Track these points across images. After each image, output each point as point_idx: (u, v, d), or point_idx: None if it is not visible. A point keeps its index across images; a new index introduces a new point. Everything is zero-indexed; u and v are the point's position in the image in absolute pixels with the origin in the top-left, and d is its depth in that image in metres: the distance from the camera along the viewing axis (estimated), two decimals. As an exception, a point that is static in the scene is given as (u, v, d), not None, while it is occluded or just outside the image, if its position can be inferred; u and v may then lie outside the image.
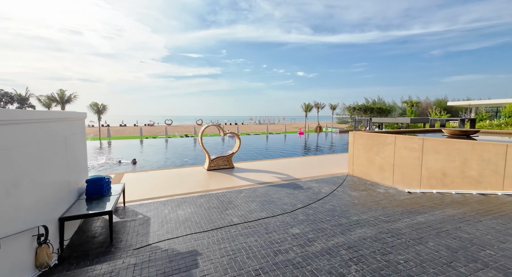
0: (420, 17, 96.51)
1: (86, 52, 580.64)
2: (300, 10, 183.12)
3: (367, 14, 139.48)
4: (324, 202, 5.32)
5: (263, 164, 9.64)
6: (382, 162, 6.55)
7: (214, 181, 7.18)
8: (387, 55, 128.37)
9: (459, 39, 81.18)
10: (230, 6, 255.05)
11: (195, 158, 13.33)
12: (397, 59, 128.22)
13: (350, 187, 6.41)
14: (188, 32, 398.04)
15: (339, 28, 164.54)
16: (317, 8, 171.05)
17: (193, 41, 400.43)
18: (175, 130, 35.97)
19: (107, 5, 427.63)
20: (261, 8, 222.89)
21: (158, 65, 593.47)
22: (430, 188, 5.35)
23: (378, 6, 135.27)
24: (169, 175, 7.83)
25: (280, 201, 5.43)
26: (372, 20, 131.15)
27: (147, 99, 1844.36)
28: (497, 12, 76.95)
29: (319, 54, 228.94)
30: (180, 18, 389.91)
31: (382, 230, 2.92)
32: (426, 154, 5.43)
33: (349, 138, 7.80)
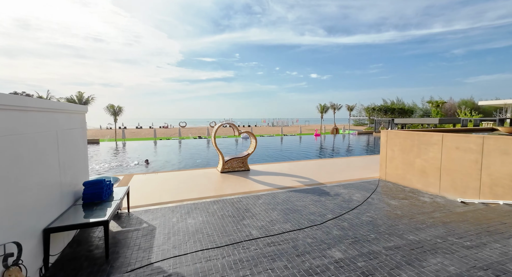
0: (442, 15, 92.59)
1: (107, 58, 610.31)
2: (314, 12, 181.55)
3: (384, 13, 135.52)
4: (359, 212, 4.45)
5: (281, 166, 8.85)
6: (425, 165, 5.56)
7: (228, 185, 6.48)
8: (405, 55, 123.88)
9: (485, 37, 76.44)
10: (243, 10, 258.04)
11: (208, 159, 12.77)
12: (416, 59, 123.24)
13: (387, 194, 5.48)
14: (203, 37, 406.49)
15: (354, 29, 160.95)
16: (331, 9, 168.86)
17: (207, 46, 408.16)
18: (188, 132, 35.97)
19: (126, 13, 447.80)
20: (274, 11, 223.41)
21: (173, 69, 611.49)
22: (494, 198, 4.33)
23: (396, 5, 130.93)
24: (180, 178, 7.23)
25: (306, 209, 4.63)
26: (389, 19, 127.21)
27: (162, 102, 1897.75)
28: None
29: (333, 55, 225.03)
30: (195, 23, 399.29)
31: (470, 262, 2.05)
32: (487, 156, 4.42)
33: (381, 138, 6.85)
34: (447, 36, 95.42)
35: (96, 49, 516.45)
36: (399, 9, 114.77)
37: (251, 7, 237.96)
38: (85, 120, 4.22)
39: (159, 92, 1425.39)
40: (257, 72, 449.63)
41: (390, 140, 6.52)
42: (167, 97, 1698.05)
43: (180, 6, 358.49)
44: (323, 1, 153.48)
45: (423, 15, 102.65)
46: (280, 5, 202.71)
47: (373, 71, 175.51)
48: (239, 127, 38.63)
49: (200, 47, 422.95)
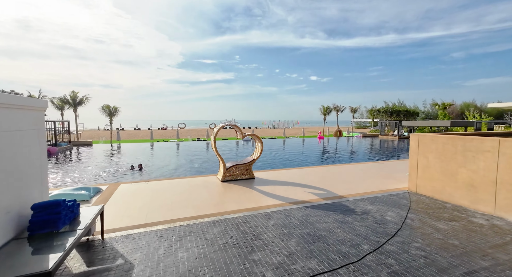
0: (441, 19, 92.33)
1: (108, 59, 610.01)
2: (314, 14, 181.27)
3: (384, 17, 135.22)
4: (403, 241, 3.41)
5: (290, 173, 7.81)
6: (473, 177, 4.53)
7: (231, 198, 5.43)
8: (404, 58, 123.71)
9: (485, 40, 76.34)
10: (244, 13, 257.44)
11: (207, 164, 11.73)
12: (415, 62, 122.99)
13: (427, 213, 4.44)
14: (204, 39, 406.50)
15: (354, 32, 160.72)
16: (332, 12, 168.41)
17: (208, 48, 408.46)
18: (187, 133, 34.96)
19: (128, 15, 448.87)
20: (275, 14, 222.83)
21: (174, 71, 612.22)
22: None
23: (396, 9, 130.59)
24: (174, 188, 6.18)
25: (332, 236, 3.59)
26: (389, 23, 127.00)
27: (163, 103, 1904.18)
28: None
29: (333, 58, 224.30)
30: (197, 25, 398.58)
31: None
32: None
33: (411, 143, 5.82)
34: (446, 40, 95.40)
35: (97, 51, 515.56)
36: (399, 13, 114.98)
37: (252, 9, 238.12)
38: (42, 119, 3.18)
39: (159, 93, 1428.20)
40: (257, 74, 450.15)
41: (423, 146, 5.49)
42: (167, 98, 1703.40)
43: (182, 8, 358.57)
44: (323, 4, 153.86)
45: (422, 19, 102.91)
46: (281, 8, 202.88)
47: (374, 74, 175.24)
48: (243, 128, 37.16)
49: (201, 49, 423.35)
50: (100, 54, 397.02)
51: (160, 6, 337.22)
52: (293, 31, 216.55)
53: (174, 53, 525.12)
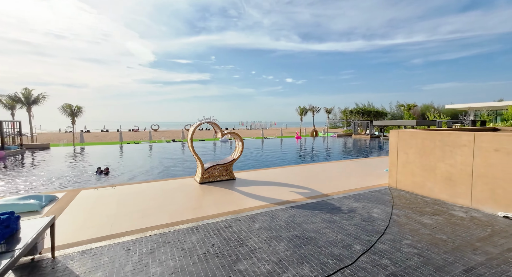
0: (403, 28, 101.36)
1: (71, 57, 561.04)
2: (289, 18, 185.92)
3: (353, 23, 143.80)
4: (394, 238, 3.29)
5: (272, 173, 7.56)
6: (452, 171, 4.64)
7: (211, 201, 5.00)
8: (373, 63, 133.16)
9: (439, 49, 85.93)
10: (220, 13, 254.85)
11: (184, 166, 11.06)
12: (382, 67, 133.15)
13: (410, 209, 4.43)
14: (178, 38, 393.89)
15: (327, 37, 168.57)
16: (305, 17, 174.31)
17: (182, 47, 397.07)
18: (161, 135, 33.32)
19: (93, 10, 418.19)
20: (250, 16, 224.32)
21: (146, 70, 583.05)
22: (554, 213, 3.46)
23: (363, 17, 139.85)
24: (146, 192, 5.57)
25: (322, 237, 3.36)
26: (358, 29, 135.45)
27: (134, 104, 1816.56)
28: (471, 25, 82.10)
29: (308, 61, 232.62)
30: (170, 24, 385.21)
31: None
32: (543, 159, 3.55)
33: (390, 139, 5.89)
34: (407, 47, 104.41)
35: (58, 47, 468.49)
36: (366, 20, 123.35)
37: (227, 10, 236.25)
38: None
39: (130, 93, 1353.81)
40: (234, 75, 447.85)
41: (402, 142, 5.57)
42: (139, 99, 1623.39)
43: (154, 6, 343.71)
44: (297, 9, 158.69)
45: (386, 27, 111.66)
46: (256, 10, 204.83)
47: (345, 77, 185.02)
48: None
49: (175, 48, 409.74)
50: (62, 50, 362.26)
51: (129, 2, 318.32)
52: (269, 34, 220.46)
53: (146, 52, 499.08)
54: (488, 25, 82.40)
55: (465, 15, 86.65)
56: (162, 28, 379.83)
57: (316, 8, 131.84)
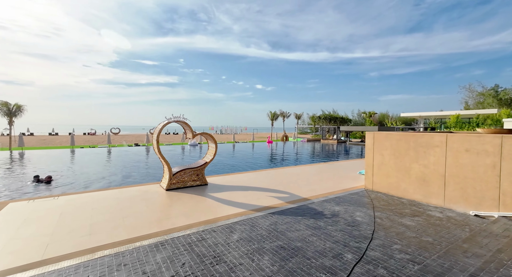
0: (361, 43, 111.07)
1: (12, 50, 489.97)
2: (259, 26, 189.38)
3: (318, 36, 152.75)
4: (383, 244, 3.10)
5: (246, 177, 7.11)
6: (425, 172, 4.74)
7: (180, 211, 4.36)
8: (336, 73, 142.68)
9: (391, 64, 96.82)
10: (188, 16, 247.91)
11: (147, 172, 10.01)
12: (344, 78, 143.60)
13: (390, 211, 4.37)
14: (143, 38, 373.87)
15: (295, 46, 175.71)
16: (274, 26, 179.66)
17: (148, 48, 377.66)
18: (123, 139, 30.65)
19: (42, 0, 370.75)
20: (220, 21, 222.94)
21: (106, 70, 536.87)
22: (521, 210, 3.62)
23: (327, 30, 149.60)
24: (98, 204, 4.69)
25: (309, 246, 3.02)
26: (323, 41, 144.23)
27: (92, 106, 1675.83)
28: (416, 45, 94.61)
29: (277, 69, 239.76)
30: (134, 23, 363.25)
31: None
32: (509, 159, 3.72)
33: (366, 141, 5.91)
34: (365, 61, 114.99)
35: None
36: (330, 34, 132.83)
37: (197, 14, 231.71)
38: None
39: (87, 94, 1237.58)
40: (203, 80, 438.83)
41: (378, 143, 5.61)
42: (98, 100, 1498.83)
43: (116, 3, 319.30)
44: (267, 18, 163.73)
45: (347, 42, 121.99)
46: (227, 16, 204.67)
47: (311, 86, 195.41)
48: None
49: (140, 48, 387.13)
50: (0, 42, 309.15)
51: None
52: (239, 40, 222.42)
53: (106, 50, 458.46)
54: (429, 46, 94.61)
55: (411, 36, 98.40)
56: (125, 26, 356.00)
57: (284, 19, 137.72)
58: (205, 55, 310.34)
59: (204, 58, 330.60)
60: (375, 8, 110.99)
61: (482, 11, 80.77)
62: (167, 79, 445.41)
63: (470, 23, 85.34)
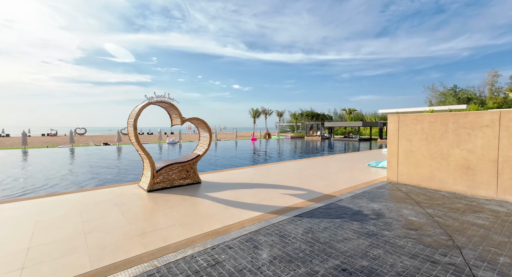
0: (334, 46, 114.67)
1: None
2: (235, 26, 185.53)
3: (294, 38, 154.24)
4: (480, 255, 2.20)
5: (245, 173, 5.96)
6: (470, 158, 3.99)
7: (171, 219, 3.10)
8: (311, 74, 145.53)
9: (361, 67, 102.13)
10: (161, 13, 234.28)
11: (120, 171, 8.38)
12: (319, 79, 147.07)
13: (441, 206, 3.54)
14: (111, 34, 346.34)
15: (271, 47, 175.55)
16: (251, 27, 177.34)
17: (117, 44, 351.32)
18: (90, 139, 27.56)
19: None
20: (195, 19, 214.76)
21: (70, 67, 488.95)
22: None
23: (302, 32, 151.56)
24: (47, 214, 3.27)
25: (381, 265, 2.02)
26: (298, 43, 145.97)
27: (53, 106, 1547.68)
28: (383, 49, 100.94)
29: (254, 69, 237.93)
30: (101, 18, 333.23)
31: None
32: None
33: (389, 126, 5.10)
34: (338, 63, 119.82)
35: None
36: (305, 36, 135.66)
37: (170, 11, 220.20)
38: None
39: (48, 93, 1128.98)
40: (178, 79, 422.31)
41: (405, 127, 4.81)
42: (60, 100, 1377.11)
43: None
44: (243, 18, 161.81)
45: (321, 44, 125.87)
46: (202, 15, 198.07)
47: (288, 86, 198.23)
48: (165, 135, 32.58)
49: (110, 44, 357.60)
50: None
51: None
52: (215, 39, 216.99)
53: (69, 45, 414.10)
54: (394, 50, 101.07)
55: (378, 40, 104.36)
56: (91, 21, 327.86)
57: (260, 19, 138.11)
58: (180, 54, 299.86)
59: (179, 56, 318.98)
60: (346, 12, 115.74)
61: (438, 20, 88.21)
62: (139, 78, 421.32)
63: (428, 30, 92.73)
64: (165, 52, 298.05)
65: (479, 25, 76.57)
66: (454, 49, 79.57)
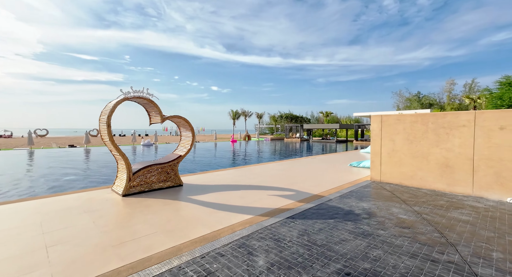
0: (311, 51, 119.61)
1: None
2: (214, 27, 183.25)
3: (272, 41, 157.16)
4: (475, 251, 2.22)
5: (229, 174, 5.71)
6: (448, 156, 4.17)
7: (152, 226, 2.78)
8: (289, 78, 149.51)
9: (336, 72, 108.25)
10: (135, 10, 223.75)
11: (89, 175, 7.64)
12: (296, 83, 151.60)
13: (426, 203, 3.63)
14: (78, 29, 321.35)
15: (250, 50, 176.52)
16: (229, 29, 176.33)
17: (85, 40, 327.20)
18: (53, 141, 25.20)
19: None
20: (172, 18, 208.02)
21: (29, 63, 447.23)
22: None
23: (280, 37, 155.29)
24: (7, 222, 2.77)
25: (383, 266, 1.94)
26: (276, 47, 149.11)
27: (9, 105, 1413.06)
28: (355, 56, 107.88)
29: (232, 71, 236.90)
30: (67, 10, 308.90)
31: None
32: (555, 134, 3.31)
33: (372, 126, 5.21)
34: (314, 68, 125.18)
35: None
36: (283, 41, 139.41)
37: (144, 8, 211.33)
38: None
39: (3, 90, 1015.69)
40: (154, 79, 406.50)
41: (388, 127, 4.93)
42: (16, 98, 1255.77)
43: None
44: (222, 20, 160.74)
45: (298, 49, 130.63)
46: (179, 14, 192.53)
47: (266, 89, 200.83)
48: (139, 136, 30.94)
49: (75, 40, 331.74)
50: None
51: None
52: (193, 40, 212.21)
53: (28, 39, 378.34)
54: (365, 58, 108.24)
55: (351, 48, 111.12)
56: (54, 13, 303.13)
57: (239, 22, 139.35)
58: (156, 53, 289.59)
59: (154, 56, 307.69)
60: (322, 20, 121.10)
61: (403, 31, 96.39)
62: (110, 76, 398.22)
63: (395, 40, 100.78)
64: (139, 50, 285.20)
65: (437, 38, 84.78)
66: (417, 58, 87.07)
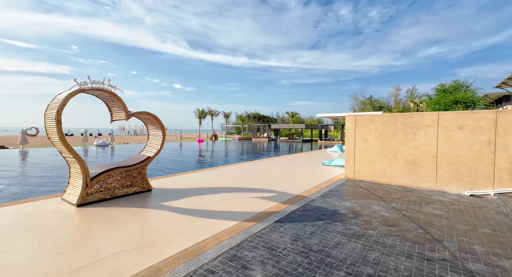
0: (275, 53, 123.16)
1: None
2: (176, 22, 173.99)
3: (237, 41, 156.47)
4: (459, 246, 2.31)
5: (202, 176, 5.30)
6: (415, 154, 4.47)
7: (118, 243, 2.32)
8: (254, 79, 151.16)
9: (299, 75, 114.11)
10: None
11: (27, 182, 6.41)
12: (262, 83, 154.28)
13: (401, 200, 3.80)
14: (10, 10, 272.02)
15: (215, 48, 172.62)
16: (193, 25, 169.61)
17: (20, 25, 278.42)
18: (-22, 140, 21.05)
19: None
20: (128, 9, 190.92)
21: None
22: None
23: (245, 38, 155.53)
24: None
25: (385, 269, 1.88)
26: (241, 47, 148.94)
27: None
28: (316, 60, 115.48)
29: (197, 69, 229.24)
30: None
31: None
32: (504, 134, 3.75)
33: (347, 125, 5.34)
34: (278, 70, 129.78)
35: None
36: (248, 41, 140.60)
37: None
38: None
39: None
40: (107, 73, 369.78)
41: (361, 127, 5.11)
42: None
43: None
44: (184, 15, 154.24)
45: (263, 50, 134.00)
46: (136, 5, 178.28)
47: (232, 89, 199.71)
48: (91, 136, 28.01)
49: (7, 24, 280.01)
50: None
51: None
52: (153, 34, 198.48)
53: None
54: (324, 62, 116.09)
55: (312, 52, 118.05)
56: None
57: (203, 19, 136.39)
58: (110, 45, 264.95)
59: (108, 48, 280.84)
60: (285, 24, 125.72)
61: (357, 40, 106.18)
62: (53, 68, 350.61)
63: (350, 48, 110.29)
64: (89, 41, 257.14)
65: (384, 48, 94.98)
66: (368, 65, 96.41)
